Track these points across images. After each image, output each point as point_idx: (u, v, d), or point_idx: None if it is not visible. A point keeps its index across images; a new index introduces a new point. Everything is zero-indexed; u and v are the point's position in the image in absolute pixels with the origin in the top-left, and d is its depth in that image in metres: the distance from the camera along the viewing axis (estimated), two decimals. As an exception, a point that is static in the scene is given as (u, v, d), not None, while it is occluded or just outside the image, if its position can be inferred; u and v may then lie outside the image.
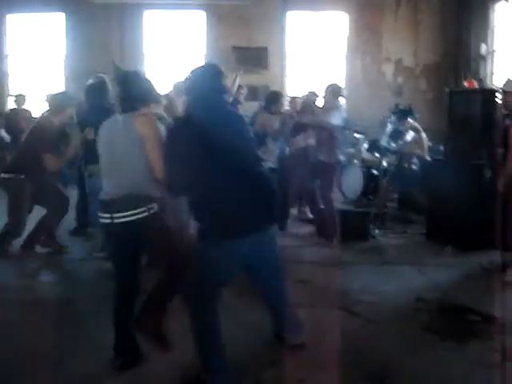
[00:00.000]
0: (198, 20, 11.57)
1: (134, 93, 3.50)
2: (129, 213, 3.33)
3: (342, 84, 11.20)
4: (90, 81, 6.08)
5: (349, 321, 4.32)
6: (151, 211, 3.35)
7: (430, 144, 8.64)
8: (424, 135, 8.49)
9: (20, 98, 10.16)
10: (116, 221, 3.37)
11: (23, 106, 10.17)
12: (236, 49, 11.15)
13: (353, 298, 4.79)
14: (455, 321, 4.36)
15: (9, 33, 11.84)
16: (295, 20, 11.50)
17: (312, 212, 7.50)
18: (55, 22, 11.65)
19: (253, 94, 9.46)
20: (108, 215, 3.40)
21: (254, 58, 10.88)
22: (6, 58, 11.81)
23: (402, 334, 4.10)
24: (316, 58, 11.48)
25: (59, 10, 11.41)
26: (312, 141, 6.83)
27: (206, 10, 11.36)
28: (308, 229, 7.41)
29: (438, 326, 4.21)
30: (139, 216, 3.33)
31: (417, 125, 8.54)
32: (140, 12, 11.43)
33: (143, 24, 11.57)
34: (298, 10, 11.42)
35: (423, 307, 4.59)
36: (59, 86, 11.28)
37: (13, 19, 11.78)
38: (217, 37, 11.35)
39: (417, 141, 8.40)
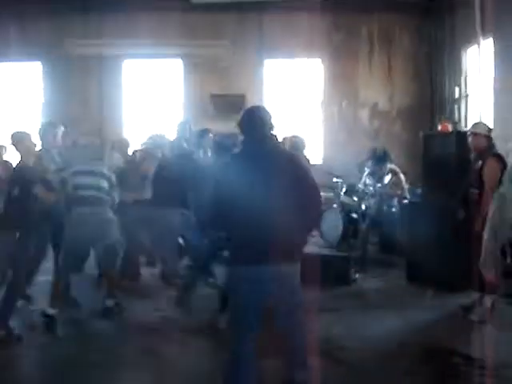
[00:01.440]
0: (175, 69, 11.72)
1: None
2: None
3: (320, 130, 11.49)
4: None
5: (332, 368, 4.29)
6: None
7: (407, 186, 8.75)
8: (402, 176, 8.62)
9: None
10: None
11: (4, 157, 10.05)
12: (214, 96, 11.27)
13: (335, 344, 4.77)
14: (438, 364, 4.37)
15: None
16: (272, 67, 11.69)
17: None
18: (33, 72, 11.71)
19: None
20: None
21: (232, 105, 10.99)
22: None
23: (386, 381, 4.08)
24: (293, 105, 11.64)
25: (36, 60, 11.48)
26: None
27: (182, 59, 11.52)
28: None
29: (421, 370, 4.20)
30: None
31: (394, 167, 8.68)
32: (118, 62, 11.55)
33: (121, 73, 11.67)
34: (274, 58, 11.62)
35: (406, 351, 4.58)
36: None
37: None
38: (194, 85, 11.48)
39: (395, 182, 8.54)
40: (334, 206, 8.90)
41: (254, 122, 3.65)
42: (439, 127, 7.52)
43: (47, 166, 5.80)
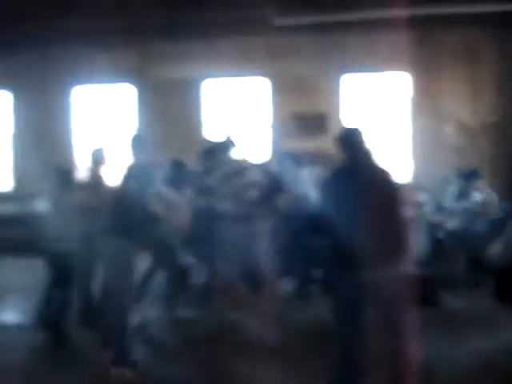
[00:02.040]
0: (258, 89, 11.90)
1: None
2: None
3: (405, 145, 11.31)
4: None
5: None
6: None
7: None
8: (494, 195, 8.32)
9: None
10: None
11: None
12: (295, 116, 11.34)
13: (421, 367, 4.65)
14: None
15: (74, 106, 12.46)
16: (355, 84, 11.64)
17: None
18: (124, 94, 12.25)
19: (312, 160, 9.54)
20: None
21: (313, 124, 11.01)
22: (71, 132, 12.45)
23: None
24: (376, 121, 11.54)
25: (128, 82, 12.05)
26: None
27: (266, 79, 11.69)
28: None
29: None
30: None
31: (485, 185, 8.42)
32: (198, 84, 11.89)
33: (201, 95, 12.01)
34: (355, 73, 11.57)
35: (495, 376, 4.42)
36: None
37: (78, 92, 12.44)
38: (275, 104, 11.61)
39: (486, 201, 8.27)
40: (420, 223, 8.73)
41: (352, 140, 4.05)
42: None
43: None
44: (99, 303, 6.02)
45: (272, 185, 7.00)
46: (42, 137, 11.89)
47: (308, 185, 6.86)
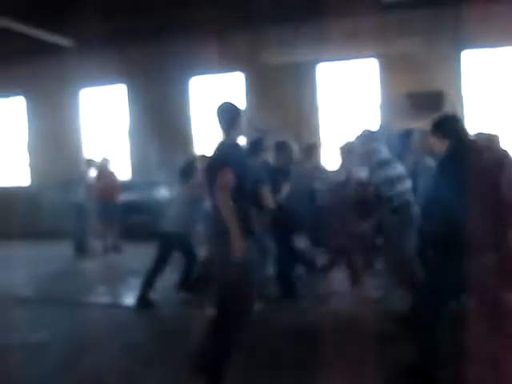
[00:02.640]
0: (370, 69, 11.65)
1: None
2: None
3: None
4: None
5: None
6: None
7: None
8: None
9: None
10: None
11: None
12: (410, 95, 11.00)
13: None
14: None
15: (192, 96, 12.81)
16: (471, 59, 11.09)
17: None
18: (233, 83, 12.43)
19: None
20: None
21: (429, 102, 10.65)
22: (190, 120, 12.81)
23: None
24: (496, 99, 10.94)
25: (237, 70, 12.24)
26: None
27: (377, 59, 11.42)
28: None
29: None
30: None
31: None
32: (313, 67, 11.80)
33: (316, 78, 11.90)
34: (473, 49, 11.01)
35: None
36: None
37: (196, 82, 12.76)
38: (390, 84, 11.32)
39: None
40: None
41: (459, 127, 4.08)
42: None
43: None
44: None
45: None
46: (159, 128, 12.37)
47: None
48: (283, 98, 11.79)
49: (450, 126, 4.08)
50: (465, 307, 4.48)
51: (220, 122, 4.14)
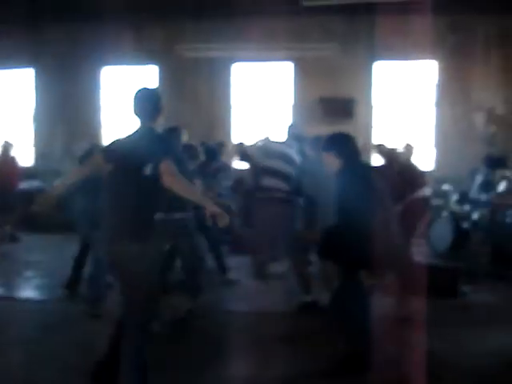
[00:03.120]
0: (284, 72, 11.72)
1: None
2: None
3: (433, 134, 11.07)
4: None
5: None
6: None
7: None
8: None
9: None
10: None
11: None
12: (323, 100, 11.16)
13: (439, 362, 4.52)
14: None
15: (103, 85, 12.47)
16: (383, 70, 11.40)
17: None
18: (147, 75, 12.15)
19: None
20: None
21: (341, 108, 10.86)
22: (99, 109, 12.43)
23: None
24: (404, 108, 11.30)
25: (152, 63, 11.96)
26: None
27: (292, 62, 11.52)
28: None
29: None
30: None
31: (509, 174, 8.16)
32: (228, 65, 11.75)
33: (231, 76, 11.86)
34: (386, 60, 11.33)
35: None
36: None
37: (107, 72, 12.43)
38: (303, 88, 11.44)
39: (512, 192, 8.02)
40: (444, 214, 8.55)
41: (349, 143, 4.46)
42: None
43: None
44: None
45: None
46: (66, 116, 11.97)
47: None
48: (197, 93, 11.68)
49: (342, 143, 4.41)
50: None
51: (142, 108, 3.77)
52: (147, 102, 3.77)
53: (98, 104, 12.42)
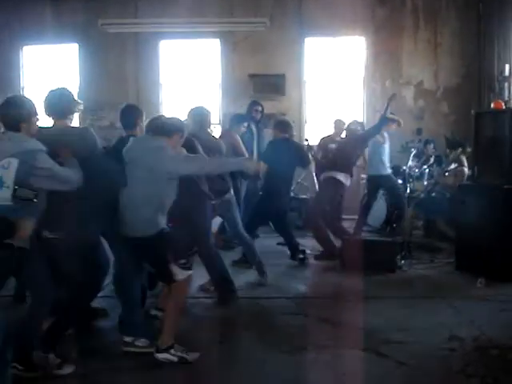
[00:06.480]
0: (213, 48, 11.39)
1: None
2: None
3: (360, 109, 11.05)
4: None
5: (376, 363, 3.98)
6: None
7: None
8: (466, 170, 8.08)
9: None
10: None
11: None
12: (253, 76, 10.92)
13: (379, 337, 4.43)
14: (494, 362, 3.99)
15: (25, 65, 11.78)
16: (313, 46, 11.25)
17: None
18: (69, 53, 11.55)
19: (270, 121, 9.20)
20: None
21: (271, 85, 10.68)
22: (22, 89, 11.73)
23: (435, 379, 3.75)
24: (334, 84, 11.21)
25: (73, 41, 11.35)
26: None
27: (220, 38, 11.19)
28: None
29: (475, 369, 3.83)
30: None
31: (462, 158, 8.23)
32: (155, 41, 11.31)
33: (158, 53, 11.43)
34: (315, 37, 11.17)
35: (457, 347, 4.21)
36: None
37: (28, 51, 11.73)
38: (233, 65, 11.15)
39: (457, 173, 8.08)
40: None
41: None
42: (492, 105, 6.99)
43: None
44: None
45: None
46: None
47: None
48: (123, 70, 11.19)
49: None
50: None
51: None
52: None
53: (19, 85, 11.71)
